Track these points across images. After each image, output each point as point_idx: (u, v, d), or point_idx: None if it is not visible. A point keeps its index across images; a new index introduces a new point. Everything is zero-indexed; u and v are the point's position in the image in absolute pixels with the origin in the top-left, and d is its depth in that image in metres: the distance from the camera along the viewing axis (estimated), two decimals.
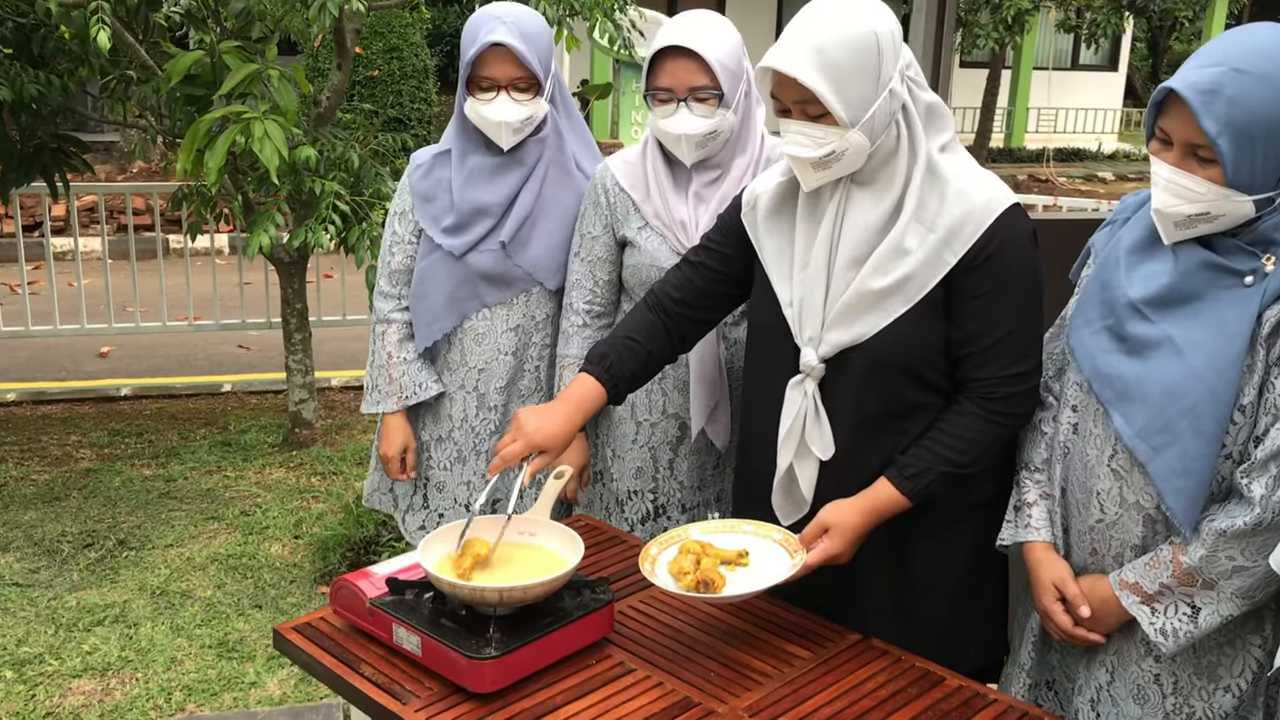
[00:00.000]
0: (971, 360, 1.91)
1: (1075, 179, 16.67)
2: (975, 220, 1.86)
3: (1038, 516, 1.91)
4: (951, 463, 1.91)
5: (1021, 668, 2.00)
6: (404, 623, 1.83)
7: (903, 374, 1.93)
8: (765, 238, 2.04)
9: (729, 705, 1.76)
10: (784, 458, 2.02)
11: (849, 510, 1.91)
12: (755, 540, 2.00)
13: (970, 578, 2.05)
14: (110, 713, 3.10)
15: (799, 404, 1.97)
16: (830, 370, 1.96)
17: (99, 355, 6.89)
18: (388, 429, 2.73)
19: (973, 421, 1.91)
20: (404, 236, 2.70)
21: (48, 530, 4.24)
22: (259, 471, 4.95)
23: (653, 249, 2.47)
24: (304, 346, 5.15)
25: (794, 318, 1.98)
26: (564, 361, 2.60)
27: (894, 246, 1.87)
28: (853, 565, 1.98)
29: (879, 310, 1.89)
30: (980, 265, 1.86)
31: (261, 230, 4.10)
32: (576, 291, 2.59)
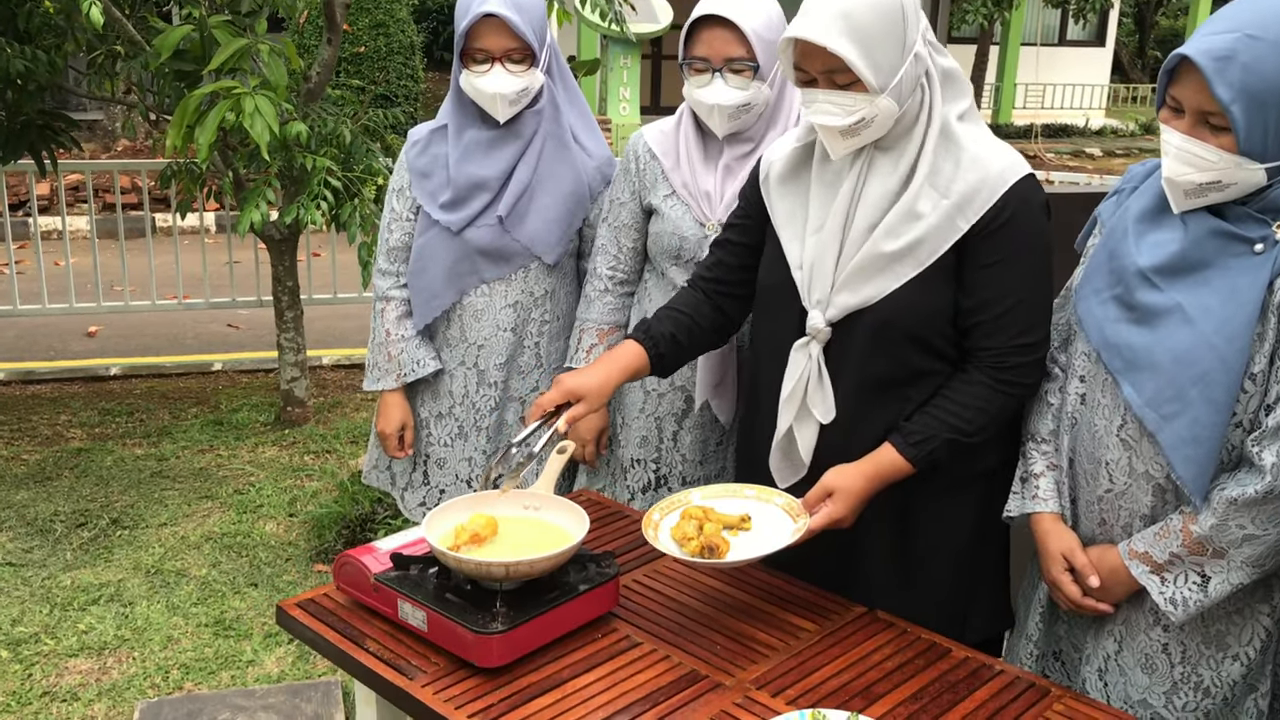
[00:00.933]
0: (981, 329, 1.91)
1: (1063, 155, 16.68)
2: (989, 188, 1.85)
3: (1045, 487, 1.91)
4: (957, 430, 1.90)
5: (1029, 639, 2.00)
6: (409, 598, 1.82)
7: (909, 340, 1.92)
8: (778, 200, 2.04)
9: (736, 678, 1.76)
10: (784, 420, 2.01)
11: (853, 474, 1.90)
12: (757, 505, 1.99)
13: (973, 548, 2.05)
14: (108, 691, 3.09)
15: (803, 366, 1.97)
16: (836, 334, 1.95)
17: (87, 335, 6.84)
18: (385, 406, 2.71)
19: (980, 390, 1.91)
20: (402, 213, 2.68)
21: (40, 510, 4.21)
22: (252, 450, 4.93)
23: (676, 217, 2.46)
24: (295, 324, 5.12)
25: (803, 280, 1.97)
26: (583, 325, 2.61)
27: (906, 210, 1.87)
28: (855, 535, 1.99)
29: (888, 274, 1.89)
30: (993, 233, 1.86)
31: (252, 207, 4.07)
32: (601, 257, 2.59)
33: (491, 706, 1.67)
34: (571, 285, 2.73)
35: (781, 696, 1.71)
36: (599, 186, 2.65)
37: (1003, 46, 18.60)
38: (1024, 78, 19.35)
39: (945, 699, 1.72)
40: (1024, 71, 19.24)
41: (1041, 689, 1.75)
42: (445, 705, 1.67)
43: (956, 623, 2.04)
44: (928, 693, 1.73)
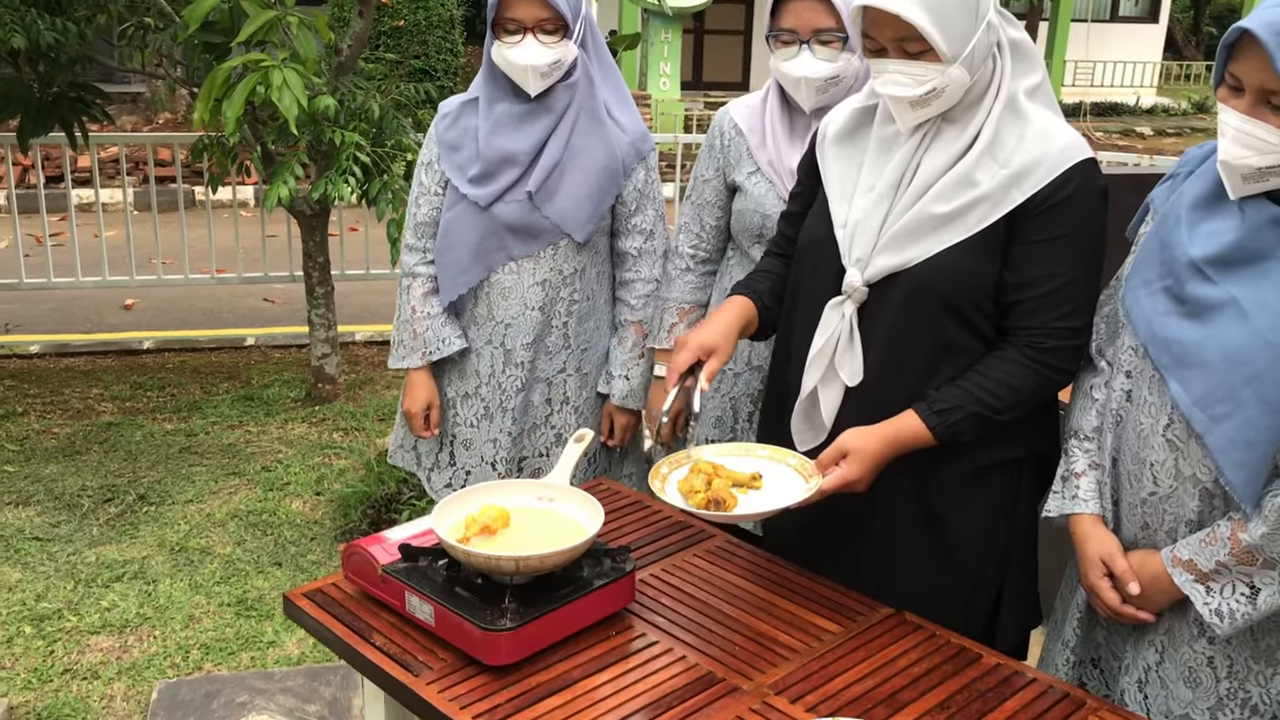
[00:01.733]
0: (1023, 307, 1.83)
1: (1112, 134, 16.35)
2: (1050, 164, 1.79)
3: (1086, 487, 1.81)
4: (985, 405, 1.82)
5: (1065, 644, 1.91)
6: (417, 591, 1.76)
7: (945, 308, 1.84)
8: (831, 161, 1.98)
9: (754, 681, 1.68)
10: (809, 380, 1.95)
11: (870, 437, 1.82)
12: (770, 465, 1.92)
13: (1000, 539, 1.96)
14: (128, 670, 3.07)
15: (834, 325, 1.91)
16: (872, 296, 1.88)
17: (124, 307, 6.86)
18: (411, 384, 2.66)
19: (1015, 369, 1.83)
20: (430, 187, 2.62)
21: (68, 484, 4.21)
22: (281, 426, 4.91)
23: (759, 195, 2.41)
24: (326, 300, 5.08)
25: (845, 239, 1.91)
26: (664, 304, 2.60)
27: (962, 176, 1.81)
28: (878, 523, 1.92)
29: (933, 237, 1.82)
30: (1048, 210, 1.79)
31: (280, 182, 4.02)
32: (683, 235, 2.56)
33: (498, 707, 1.61)
34: (603, 265, 2.65)
35: (801, 703, 1.63)
36: (633, 163, 2.57)
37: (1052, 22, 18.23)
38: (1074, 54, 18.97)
39: (974, 709, 1.63)
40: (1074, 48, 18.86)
41: (1076, 700, 1.66)
42: (450, 704, 1.61)
43: (984, 617, 1.97)
44: (955, 701, 1.65)
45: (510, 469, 2.66)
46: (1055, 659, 1.94)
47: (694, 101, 15.36)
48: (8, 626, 3.25)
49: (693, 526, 2.15)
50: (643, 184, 2.58)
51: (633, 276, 2.63)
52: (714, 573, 1.99)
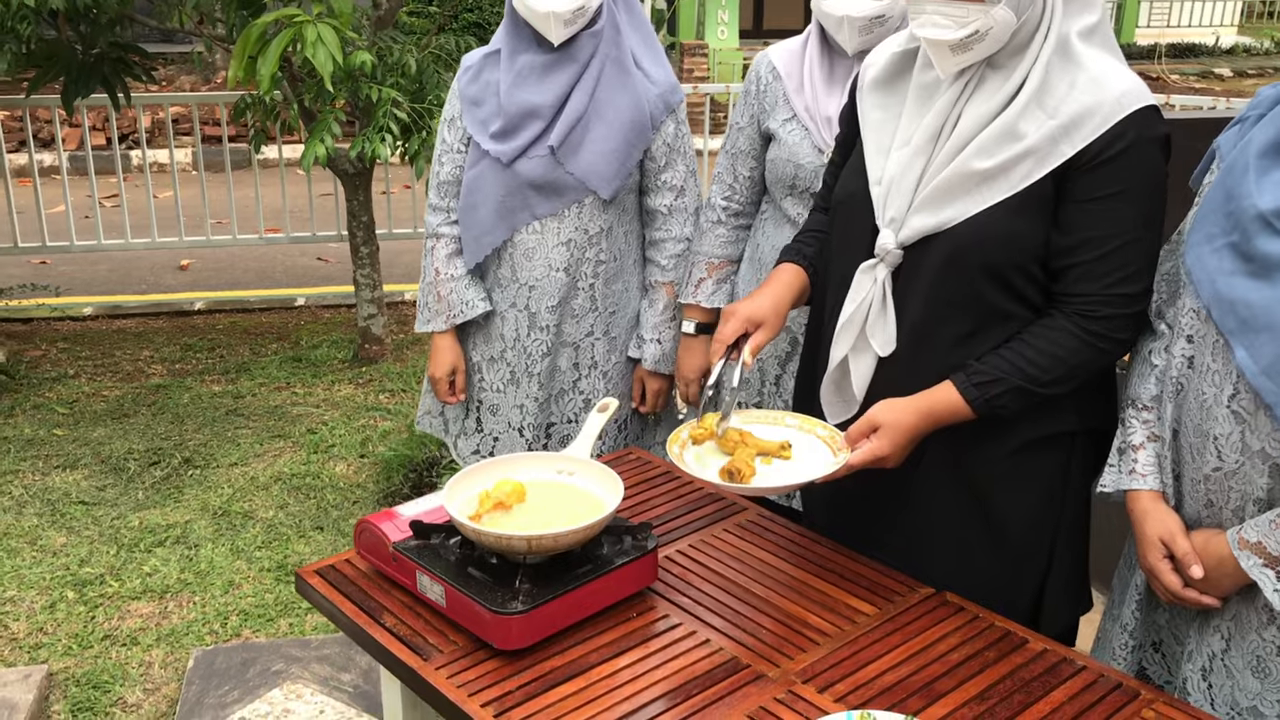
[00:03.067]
0: (1074, 272, 1.68)
1: (1189, 76, 15.75)
2: (1104, 113, 1.62)
3: (1144, 461, 1.67)
4: (1030, 377, 1.69)
5: (1124, 628, 1.78)
6: (428, 570, 1.68)
7: (987, 273, 1.70)
8: (869, 109, 1.84)
9: (781, 668, 1.58)
10: (839, 349, 1.83)
11: (903, 409, 1.71)
12: (799, 434, 1.82)
13: (1049, 518, 1.83)
14: (166, 637, 3.05)
15: (866, 291, 1.78)
16: (908, 259, 1.75)
17: (179, 268, 6.88)
18: (436, 349, 2.58)
19: (1063, 338, 1.69)
20: (452, 145, 2.52)
21: (115, 447, 4.21)
22: (328, 388, 4.88)
23: (794, 143, 2.29)
24: (371, 260, 5.02)
25: (880, 196, 1.77)
26: (695, 259, 2.50)
27: (1006, 128, 1.65)
28: (920, 499, 1.81)
29: (974, 195, 1.68)
30: (1101, 165, 1.63)
31: (317, 140, 3.94)
32: (716, 185, 2.46)
33: (508, 694, 1.52)
34: (631, 223, 2.54)
35: (830, 692, 1.53)
36: (661, 115, 2.45)
37: None
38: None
39: (1016, 699, 1.52)
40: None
41: (1130, 690, 1.54)
42: (458, 691, 1.53)
43: (1029, 602, 1.84)
44: (996, 691, 1.53)
45: (538, 435, 2.57)
46: (1112, 642, 1.81)
47: (753, 50, 15.05)
48: (51, 592, 3.25)
49: (724, 499, 2.05)
50: (672, 138, 2.46)
51: (663, 235, 2.51)
52: (744, 549, 1.89)
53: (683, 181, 2.48)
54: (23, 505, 3.76)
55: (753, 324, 1.85)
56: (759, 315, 1.85)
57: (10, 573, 3.34)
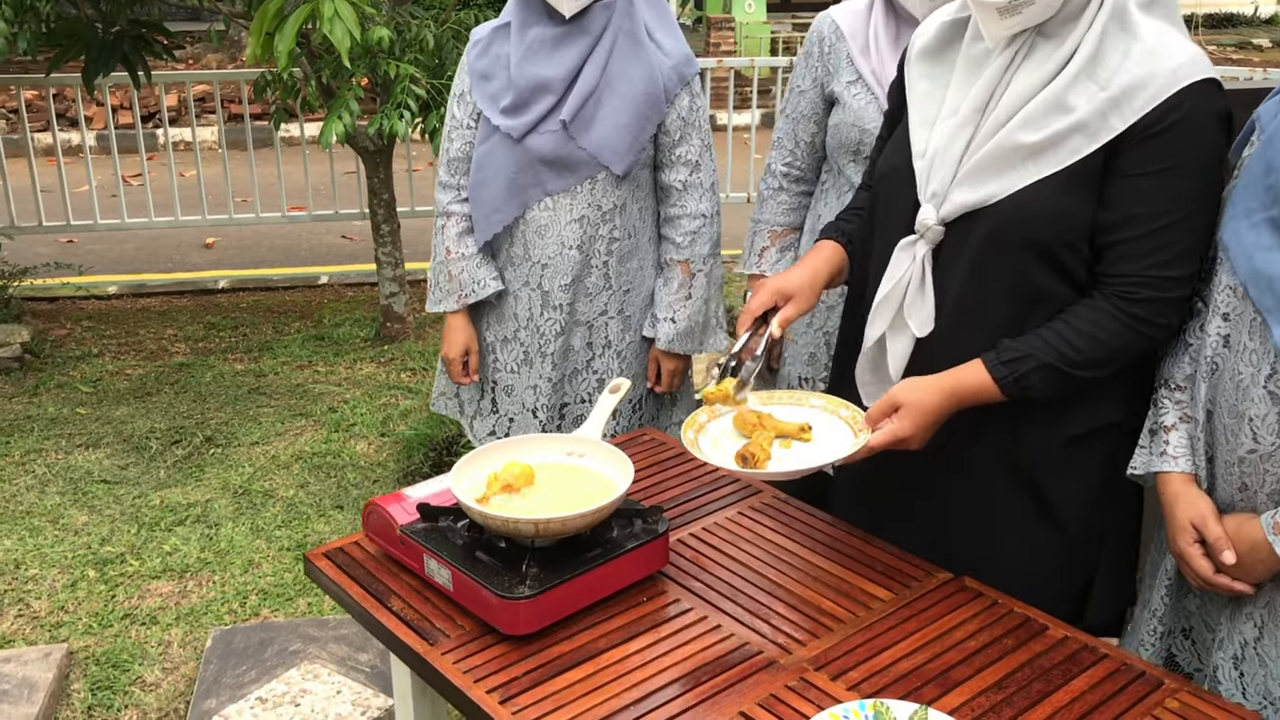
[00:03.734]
0: (1116, 251, 1.60)
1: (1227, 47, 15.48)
2: (1158, 85, 1.54)
3: (1176, 443, 1.62)
4: (1062, 357, 1.61)
5: (1153, 613, 1.73)
6: (435, 554, 1.65)
7: (1032, 251, 1.63)
8: (916, 80, 1.78)
9: (793, 655, 1.55)
10: (875, 328, 1.77)
11: (926, 388, 1.64)
12: (821, 415, 1.76)
13: (1096, 513, 1.76)
14: (185, 616, 3.06)
15: (905, 268, 1.72)
16: (950, 236, 1.69)
17: (204, 247, 6.89)
18: (449, 329, 2.55)
19: (1101, 319, 1.61)
20: (462, 121, 2.48)
21: (137, 426, 4.22)
22: (350, 366, 4.87)
23: (858, 108, 2.24)
24: (393, 238, 5.00)
25: (922, 170, 1.71)
26: (755, 226, 2.48)
27: (1054, 100, 1.58)
28: (960, 491, 1.75)
29: (1019, 170, 1.60)
30: (1152, 138, 1.55)
31: (335, 117, 3.91)
32: (776, 151, 2.43)
33: (514, 680, 1.50)
34: (645, 200, 2.49)
35: (843, 679, 1.49)
36: (675, 88, 2.40)
37: None
38: None
39: (1035, 688, 1.48)
40: None
41: (1153, 680, 1.50)
42: (463, 677, 1.51)
43: (1073, 599, 1.78)
44: (1014, 680, 1.49)
45: (552, 416, 2.54)
46: (1141, 628, 1.76)
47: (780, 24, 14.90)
48: (73, 570, 3.27)
49: (739, 481, 2.01)
50: (687, 111, 2.41)
51: (678, 212, 2.47)
52: (759, 532, 1.85)
53: (698, 156, 2.44)
54: (45, 484, 3.78)
55: (783, 297, 1.80)
56: (790, 288, 1.80)
57: (33, 551, 3.36)
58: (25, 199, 5.86)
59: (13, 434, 4.14)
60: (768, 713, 1.43)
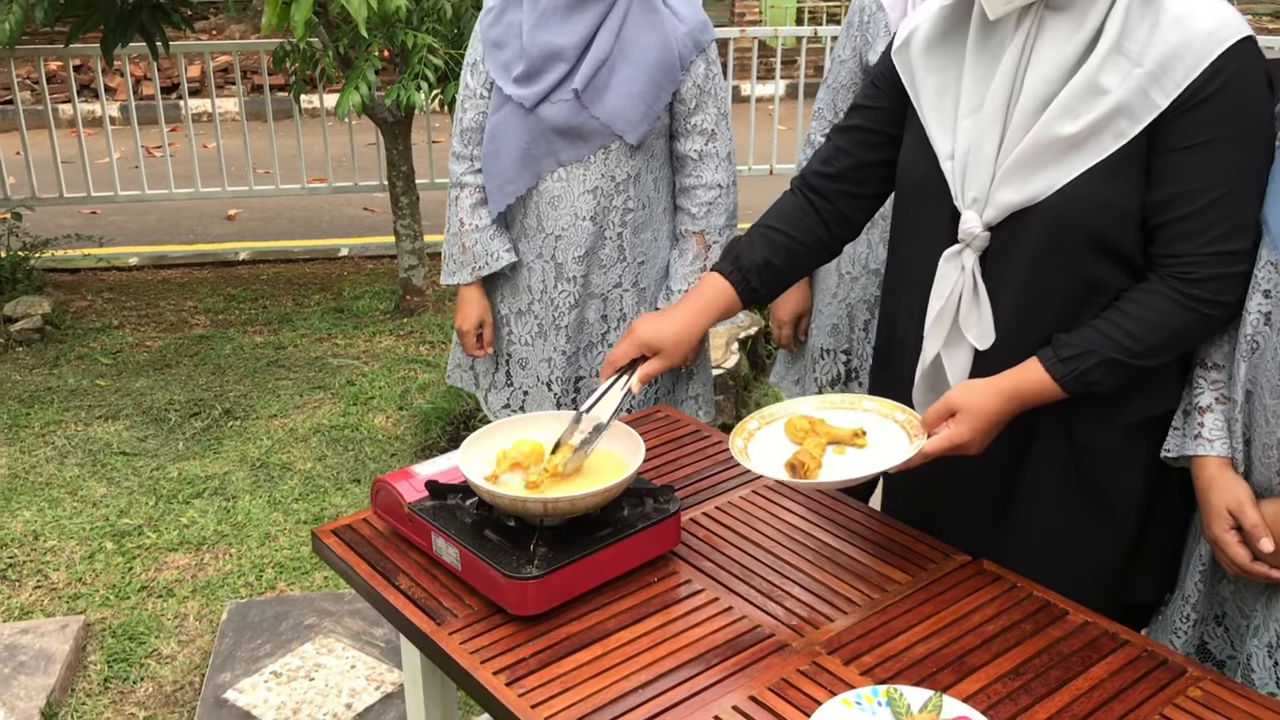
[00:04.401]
0: (1169, 230, 1.53)
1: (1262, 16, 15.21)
2: (1195, 53, 1.46)
3: (1212, 425, 1.57)
4: (1123, 349, 1.54)
5: (1186, 599, 1.68)
6: (443, 532, 1.63)
7: (1088, 244, 1.55)
8: (923, 76, 1.67)
9: (805, 638, 1.52)
10: (931, 345, 1.69)
11: (984, 391, 1.58)
12: (876, 419, 1.70)
13: (1146, 505, 1.70)
14: (202, 589, 3.06)
15: (954, 281, 1.64)
16: (996, 240, 1.61)
17: (226, 218, 6.89)
18: (463, 301, 2.53)
19: (1160, 303, 1.54)
20: (475, 90, 2.44)
21: (157, 398, 4.22)
22: (369, 339, 4.86)
23: None
24: (411, 210, 4.97)
25: (954, 173, 1.62)
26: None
27: (1088, 84, 1.50)
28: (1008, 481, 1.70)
29: (1063, 163, 1.52)
30: (1194, 108, 1.47)
31: (352, 88, 3.88)
32: (816, 122, 2.39)
33: (521, 661, 1.48)
34: (661, 170, 2.45)
35: (856, 664, 1.46)
36: (691, 55, 2.34)
37: None
38: None
39: (1053, 675, 1.44)
40: None
41: (1175, 668, 1.46)
42: (470, 657, 1.49)
43: (1112, 586, 1.73)
44: (1032, 666, 1.46)
45: (566, 389, 2.51)
46: (1173, 614, 1.72)
47: None
48: (90, 542, 3.27)
49: None
50: (702, 79, 2.36)
51: (693, 182, 2.42)
52: (773, 512, 1.82)
53: (714, 125, 2.39)
54: (65, 455, 3.79)
55: (649, 349, 1.75)
56: (657, 343, 1.75)
57: (51, 523, 3.36)
58: (47, 170, 5.87)
59: (33, 405, 4.15)
60: (778, 697, 1.40)
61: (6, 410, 4.10)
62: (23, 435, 3.92)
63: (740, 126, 6.62)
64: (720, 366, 3.93)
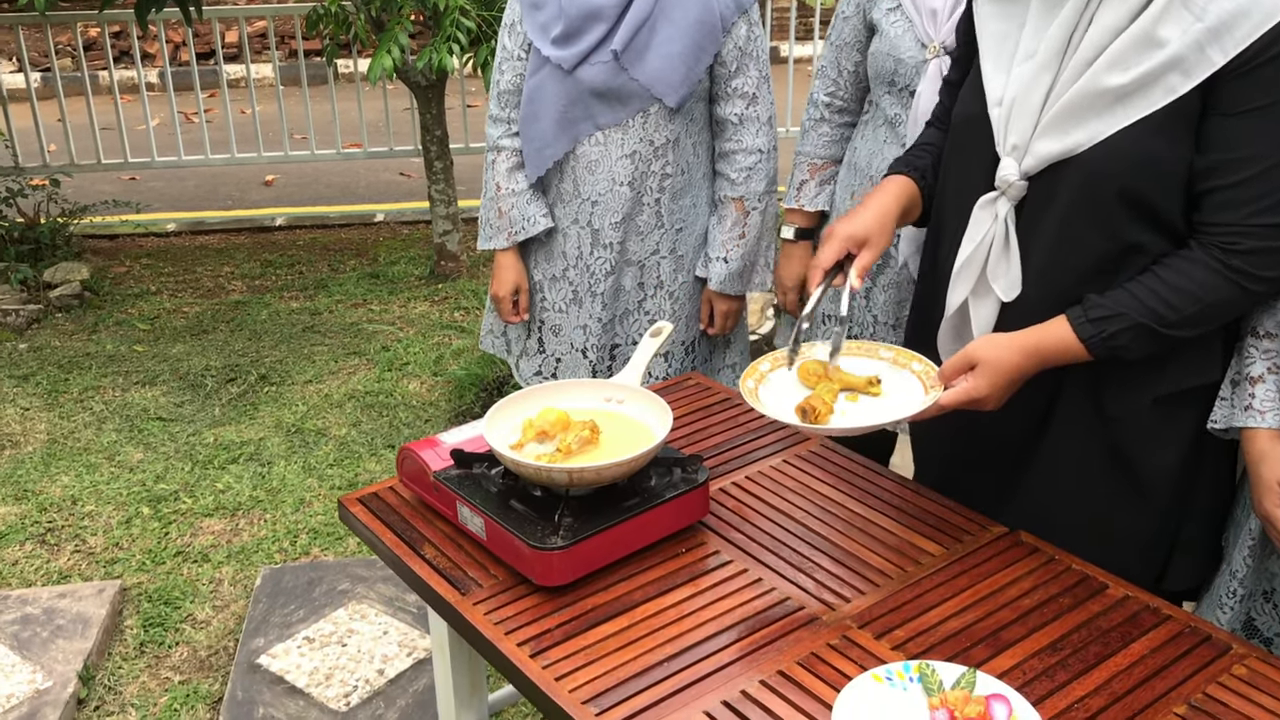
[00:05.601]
0: (1216, 197, 1.47)
1: None
2: (1263, 12, 1.38)
3: (1263, 396, 1.51)
4: (1155, 315, 1.49)
5: (1234, 574, 1.63)
6: (468, 501, 1.61)
7: (1126, 202, 1.50)
8: (988, 20, 1.64)
9: (836, 611, 1.48)
10: (957, 293, 1.66)
11: (1006, 346, 1.53)
12: (891, 369, 1.66)
13: (1186, 478, 1.64)
14: (236, 554, 3.07)
15: (986, 228, 1.60)
16: (1034, 191, 1.57)
17: (264, 184, 6.90)
18: (499, 267, 2.50)
19: (1199, 272, 1.48)
20: (514, 52, 2.40)
21: (193, 364, 4.24)
22: (404, 305, 4.85)
23: (895, 36, 2.15)
24: (445, 175, 4.95)
25: (1000, 119, 1.58)
26: (797, 159, 2.40)
27: (1144, 35, 1.43)
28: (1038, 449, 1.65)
29: (1107, 115, 1.47)
30: (1253, 71, 1.40)
31: (384, 52, 3.84)
32: (820, 80, 2.34)
33: (547, 633, 1.46)
34: (700, 134, 2.40)
35: (887, 639, 1.43)
36: (732, 16, 2.29)
37: None
38: None
39: (1091, 651, 1.40)
40: None
41: (1220, 645, 1.41)
42: (494, 628, 1.47)
43: (1155, 568, 1.69)
44: (1069, 642, 1.42)
45: (602, 357, 2.48)
46: (1219, 590, 1.67)
47: None
48: (127, 507, 3.29)
49: (787, 428, 1.93)
50: (744, 41, 2.30)
51: (733, 147, 2.37)
52: (804, 482, 1.78)
53: (755, 89, 2.33)
54: (103, 421, 3.81)
55: (855, 243, 1.65)
56: (862, 233, 1.65)
57: (89, 488, 3.39)
58: (85, 137, 5.89)
59: (72, 371, 4.18)
60: (807, 672, 1.37)
61: (46, 376, 4.13)
62: (61, 401, 3.95)
63: (778, 88, 6.53)
64: (755, 332, 3.89)
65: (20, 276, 4.77)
